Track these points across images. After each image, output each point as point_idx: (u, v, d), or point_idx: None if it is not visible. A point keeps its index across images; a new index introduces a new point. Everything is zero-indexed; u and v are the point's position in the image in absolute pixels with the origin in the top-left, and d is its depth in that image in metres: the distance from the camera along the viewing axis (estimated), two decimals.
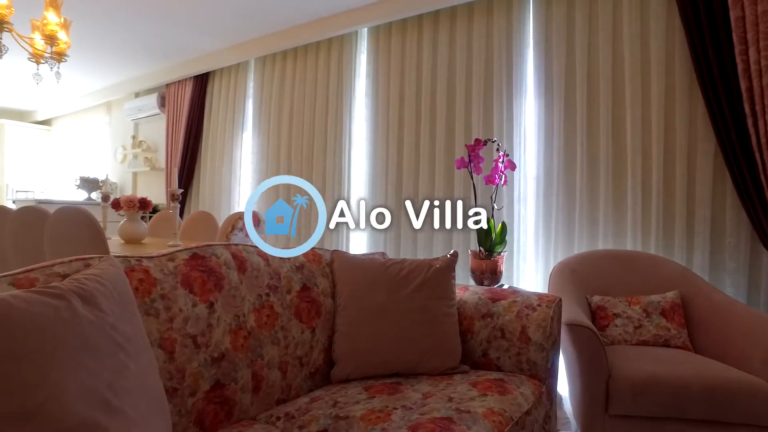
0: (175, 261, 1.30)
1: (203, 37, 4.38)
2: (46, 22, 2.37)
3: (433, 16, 3.33)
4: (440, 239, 3.19)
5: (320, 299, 1.65)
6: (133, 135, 6.22)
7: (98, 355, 0.81)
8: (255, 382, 1.37)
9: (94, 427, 0.73)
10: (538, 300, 1.64)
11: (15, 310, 0.73)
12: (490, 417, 1.23)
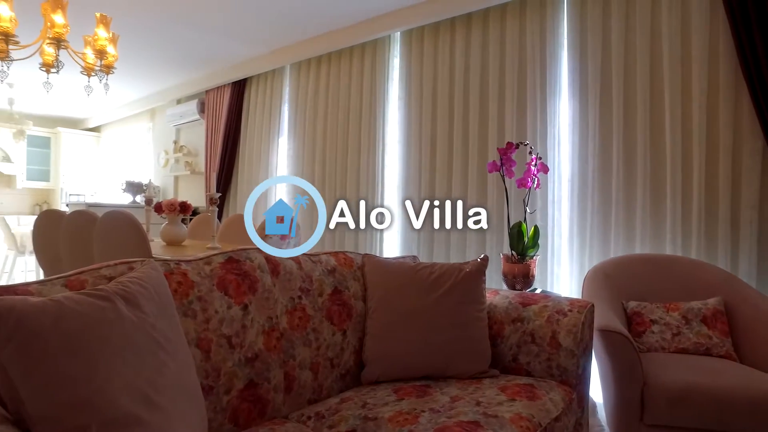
0: (212, 264, 1.36)
1: (241, 44, 4.51)
2: (96, 37, 2.51)
3: (466, 19, 3.32)
4: (473, 242, 3.18)
5: (351, 302, 1.68)
6: (175, 140, 6.46)
7: (140, 353, 0.86)
8: (287, 382, 1.42)
9: (136, 421, 0.78)
10: (569, 305, 1.62)
11: (67, 310, 0.80)
12: (517, 422, 1.23)
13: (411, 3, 3.45)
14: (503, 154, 2.24)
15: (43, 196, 7.93)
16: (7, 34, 2.27)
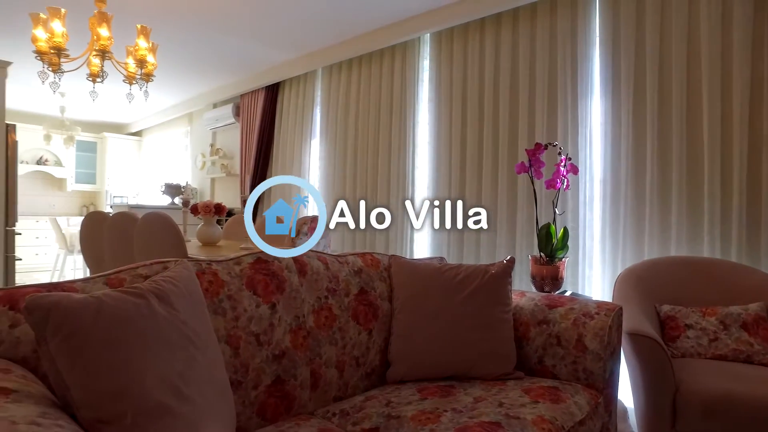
0: (241, 265, 1.42)
1: (274, 49, 4.62)
2: (137, 47, 2.64)
3: (495, 19, 3.30)
4: (503, 243, 3.16)
5: (377, 302, 1.71)
6: (211, 143, 6.66)
7: (171, 347, 0.92)
8: (313, 380, 1.46)
9: (167, 411, 0.84)
10: (596, 308, 1.60)
11: (106, 306, 0.86)
12: (539, 424, 1.23)
13: (440, 4, 3.46)
14: (531, 155, 2.22)
15: (90, 198, 8.32)
16: (60, 49, 2.43)
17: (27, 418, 0.64)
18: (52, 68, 2.50)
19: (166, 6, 3.62)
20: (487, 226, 3.23)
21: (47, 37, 2.44)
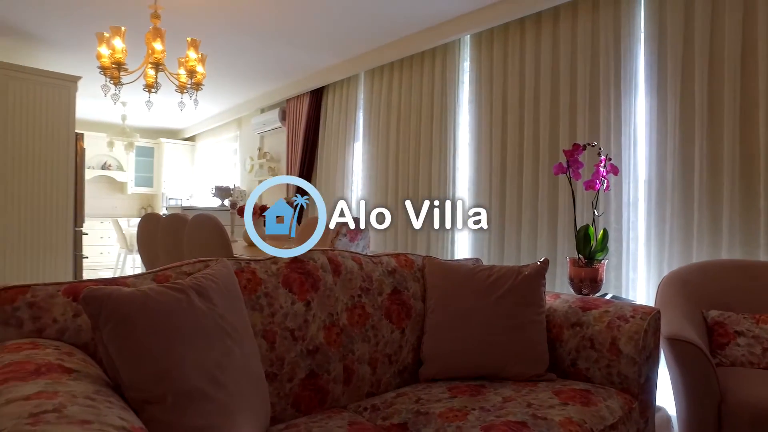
0: (278, 264, 1.49)
1: (318, 54, 4.74)
2: (187, 59, 2.81)
3: (535, 18, 3.27)
4: (544, 245, 3.12)
5: (411, 302, 1.75)
6: (259, 147, 6.90)
7: (209, 338, 0.99)
8: (346, 375, 1.51)
9: (203, 395, 0.91)
10: (632, 311, 1.57)
11: (151, 299, 0.94)
12: (566, 426, 1.23)
13: (480, 5, 3.46)
14: (570, 156, 2.19)
15: (147, 200, 8.80)
16: (120, 64, 2.63)
17: (84, 394, 0.72)
18: (113, 81, 2.71)
19: (216, 18, 3.80)
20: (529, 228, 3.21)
21: (109, 54, 2.64)
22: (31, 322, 1.05)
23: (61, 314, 1.08)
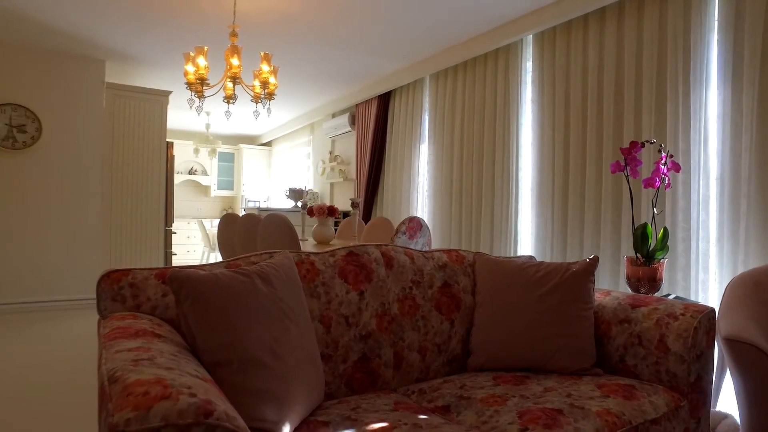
0: (335, 257, 1.65)
1: (385, 60, 4.92)
2: (261, 71, 3.08)
3: (599, 14, 3.21)
4: (608, 244, 3.05)
5: (460, 295, 1.84)
6: (330, 150, 7.21)
7: (269, 317, 1.16)
8: (396, 360, 1.64)
9: (263, 364, 1.07)
10: (683, 309, 1.56)
11: (221, 281, 1.12)
12: (603, 416, 1.27)
13: (543, 4, 3.45)
14: (627, 153, 2.17)
15: (228, 203, 9.45)
16: (203, 79, 2.94)
17: (169, 351, 0.90)
18: (197, 95, 3.03)
19: (288, 32, 4.09)
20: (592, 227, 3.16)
21: (194, 71, 2.97)
22: (131, 299, 1.27)
23: (153, 294, 1.30)
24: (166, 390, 0.69)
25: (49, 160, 4.82)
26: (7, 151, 4.64)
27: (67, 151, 4.88)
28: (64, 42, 4.51)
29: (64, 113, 4.87)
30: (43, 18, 3.95)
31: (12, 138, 4.63)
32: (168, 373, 0.76)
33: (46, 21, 4.01)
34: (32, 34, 4.34)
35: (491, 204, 4.08)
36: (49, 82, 4.81)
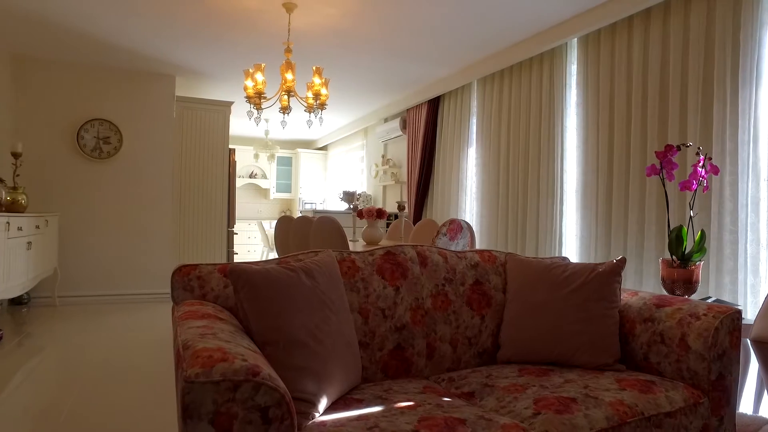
0: (374, 255, 1.82)
1: (434, 66, 5.06)
2: (313, 84, 3.32)
3: (644, 15, 3.20)
4: (652, 246, 3.04)
5: (491, 293, 1.96)
6: (383, 154, 7.42)
7: (311, 306, 1.35)
8: (429, 351, 1.79)
9: (305, 346, 1.26)
10: (706, 309, 1.61)
11: (271, 274, 1.33)
12: (615, 406, 1.36)
13: (588, 7, 3.47)
14: (662, 157, 2.20)
15: (286, 205, 9.90)
16: (260, 94, 3.23)
17: (228, 330, 1.12)
18: (256, 107, 3.32)
19: (340, 42, 4.33)
20: (636, 229, 3.16)
21: (253, 85, 3.26)
22: (198, 289, 1.51)
23: (216, 285, 1.53)
24: (225, 355, 0.90)
25: (128, 168, 5.35)
26: (95, 160, 5.20)
27: (143, 158, 5.39)
28: (140, 62, 5.00)
29: (141, 125, 5.39)
30: (125, 42, 4.41)
31: (99, 149, 5.19)
32: (227, 345, 0.97)
33: (127, 44, 4.48)
34: (116, 57, 4.85)
35: (536, 206, 4.12)
36: (129, 98, 5.34)
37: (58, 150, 5.12)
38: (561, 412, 1.31)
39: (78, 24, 4.03)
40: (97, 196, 5.25)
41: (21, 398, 2.48)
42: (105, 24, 4.01)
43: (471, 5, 3.51)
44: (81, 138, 5.14)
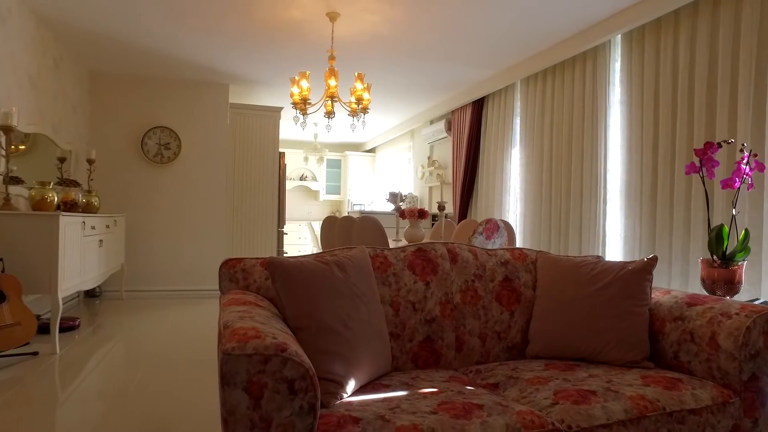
0: (405, 252, 1.92)
1: (478, 68, 5.09)
2: (355, 89, 3.47)
3: (692, 8, 3.11)
4: (699, 246, 2.95)
5: (521, 289, 2.01)
6: (429, 155, 7.49)
7: (342, 296, 1.46)
8: (458, 344, 1.86)
9: (335, 332, 1.38)
10: (738, 309, 1.59)
11: (305, 266, 1.45)
12: (636, 400, 1.39)
13: (632, 2, 3.41)
14: (702, 155, 2.16)
15: (336, 206, 10.15)
16: (306, 100, 3.41)
17: (265, 315, 1.25)
18: (302, 113, 3.50)
19: (384, 47, 4.45)
20: (682, 228, 3.07)
21: (298, 92, 3.44)
22: (243, 280, 1.66)
23: (258, 277, 1.68)
24: (258, 333, 1.02)
25: (185, 171, 5.72)
26: (157, 165, 5.60)
27: (200, 163, 5.75)
28: (197, 72, 5.35)
29: (197, 131, 5.75)
30: (183, 54, 4.74)
31: (160, 154, 5.59)
32: (260, 326, 1.10)
33: (185, 57, 4.81)
34: (175, 69, 5.22)
35: (579, 206, 4.07)
36: (187, 107, 5.72)
37: (124, 156, 5.55)
38: (579, 403, 1.35)
39: (142, 41, 4.38)
40: (158, 198, 5.65)
41: (96, 379, 2.76)
42: (165, 40, 4.33)
43: (513, 6, 3.53)
44: (144, 144, 5.55)
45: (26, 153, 3.85)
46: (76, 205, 3.94)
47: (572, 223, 4.13)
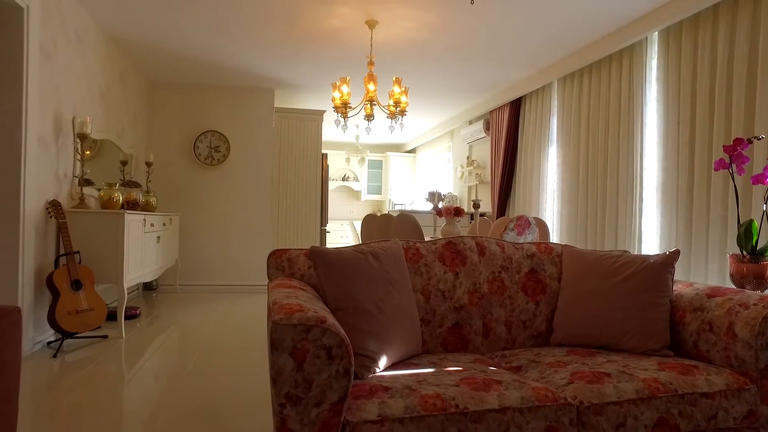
0: (436, 245, 2.07)
1: (514, 68, 5.16)
2: (393, 93, 3.64)
3: (732, 3, 3.10)
4: (734, 243, 2.94)
5: (546, 281, 2.12)
6: (468, 155, 7.57)
7: (375, 283, 1.63)
8: (485, 330, 1.99)
9: (369, 313, 1.55)
10: (756, 300, 1.64)
11: (343, 255, 1.63)
12: (648, 382, 1.48)
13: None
14: (731, 151, 2.19)
15: (377, 206, 10.36)
16: (346, 103, 3.61)
17: (307, 297, 1.44)
18: (343, 116, 3.70)
19: (421, 51, 4.60)
20: (719, 225, 3.06)
21: (339, 96, 3.64)
22: (288, 269, 1.86)
23: (302, 266, 1.87)
24: (301, 308, 1.21)
25: (234, 173, 6.06)
26: (207, 167, 5.97)
27: (247, 164, 6.08)
28: (244, 78, 5.67)
29: (245, 135, 6.08)
30: (231, 62, 5.06)
31: (211, 157, 5.95)
32: (304, 303, 1.28)
33: (233, 64, 5.12)
34: (224, 77, 5.56)
35: (615, 204, 4.08)
36: (235, 111, 6.06)
37: (179, 158, 5.95)
38: (592, 383, 1.46)
39: (194, 53, 4.72)
40: (208, 198, 6.02)
41: (155, 362, 3.06)
42: (214, 50, 4.65)
43: (549, 6, 3.60)
44: (196, 148, 5.93)
45: (93, 157, 4.24)
46: (137, 205, 4.30)
47: (608, 220, 4.14)
